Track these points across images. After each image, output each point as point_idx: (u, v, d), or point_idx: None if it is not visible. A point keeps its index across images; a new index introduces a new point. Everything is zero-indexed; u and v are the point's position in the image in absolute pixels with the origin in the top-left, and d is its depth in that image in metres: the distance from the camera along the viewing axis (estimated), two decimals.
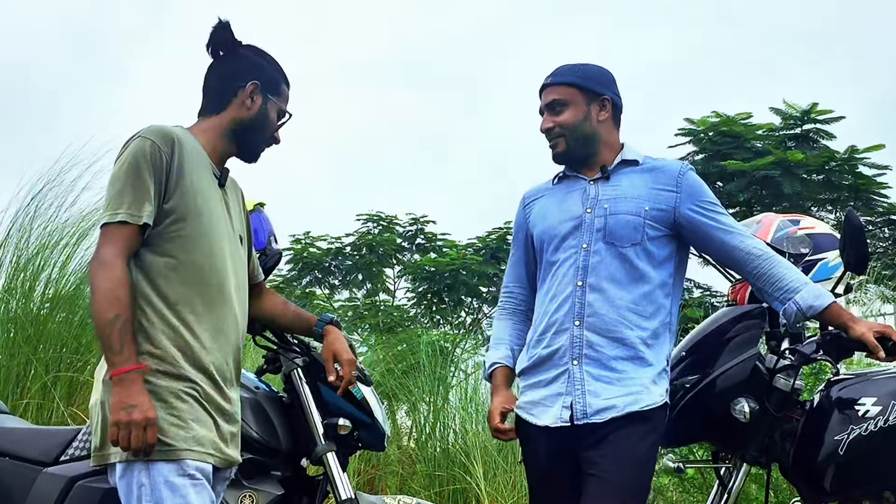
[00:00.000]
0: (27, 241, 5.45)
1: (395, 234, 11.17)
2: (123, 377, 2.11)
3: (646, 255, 2.61)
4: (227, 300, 2.33)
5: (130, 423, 2.09)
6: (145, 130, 2.26)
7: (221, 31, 2.42)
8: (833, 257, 2.82)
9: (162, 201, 2.24)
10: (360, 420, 2.83)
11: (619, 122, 2.76)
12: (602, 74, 2.73)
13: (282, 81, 2.47)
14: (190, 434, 2.19)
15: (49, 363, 4.94)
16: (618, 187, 2.67)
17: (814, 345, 2.80)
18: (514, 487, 5.39)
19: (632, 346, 2.56)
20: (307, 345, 2.87)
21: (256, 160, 2.48)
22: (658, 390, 2.56)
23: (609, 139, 2.71)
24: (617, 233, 2.61)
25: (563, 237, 2.67)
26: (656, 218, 2.62)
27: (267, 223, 2.91)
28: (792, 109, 9.57)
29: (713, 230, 2.64)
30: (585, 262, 2.61)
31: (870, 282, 7.43)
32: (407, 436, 6.38)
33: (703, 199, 2.66)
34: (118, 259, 2.17)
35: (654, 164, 2.71)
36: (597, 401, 2.52)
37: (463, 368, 6.98)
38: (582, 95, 2.68)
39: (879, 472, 2.59)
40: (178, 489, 2.15)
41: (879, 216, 9.85)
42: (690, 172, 2.69)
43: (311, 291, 11.21)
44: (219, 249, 2.32)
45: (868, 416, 2.59)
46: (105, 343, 2.13)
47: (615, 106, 2.72)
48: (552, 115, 2.69)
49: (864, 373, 2.86)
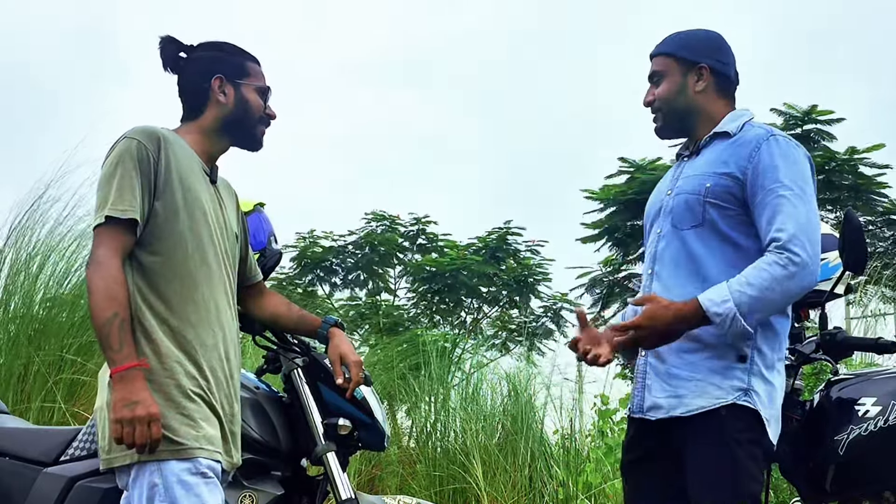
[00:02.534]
0: (29, 242, 5.46)
1: (396, 233, 11.17)
2: (124, 374, 2.10)
3: (716, 236, 2.36)
4: (222, 296, 2.33)
5: (134, 419, 2.08)
6: (131, 131, 2.27)
7: (168, 47, 2.42)
8: (833, 258, 2.82)
9: (152, 199, 2.24)
10: (360, 420, 2.83)
11: (726, 91, 2.51)
12: (704, 40, 2.50)
13: (245, 60, 2.44)
14: (201, 433, 2.19)
15: (50, 363, 4.94)
16: (697, 164, 2.46)
17: (813, 345, 2.80)
18: (514, 487, 5.39)
19: (694, 340, 2.33)
20: (307, 345, 2.87)
21: (260, 145, 2.46)
22: (717, 391, 2.30)
23: (710, 110, 2.48)
24: (678, 214, 2.42)
25: (652, 221, 2.54)
26: (721, 196, 2.36)
27: (267, 223, 2.91)
28: (792, 110, 9.57)
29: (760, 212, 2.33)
30: (656, 248, 2.47)
31: (870, 282, 7.43)
32: (407, 436, 6.38)
33: (770, 176, 2.32)
34: (112, 259, 2.17)
35: (742, 135, 2.42)
36: (650, 396, 2.40)
37: (463, 369, 6.97)
38: (678, 65, 2.48)
39: (879, 472, 2.59)
40: (192, 487, 2.15)
41: (879, 216, 9.85)
42: (767, 144, 2.36)
43: (313, 290, 11.21)
44: (212, 246, 2.32)
45: (868, 416, 2.59)
46: (104, 342, 2.13)
47: (718, 73, 2.48)
48: (653, 87, 2.52)
49: (864, 373, 2.86)
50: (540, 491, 5.31)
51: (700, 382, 2.32)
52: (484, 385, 6.40)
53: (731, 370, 2.31)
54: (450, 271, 10.45)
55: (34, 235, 5.49)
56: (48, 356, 4.96)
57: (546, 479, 5.52)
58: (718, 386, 2.31)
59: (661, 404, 2.37)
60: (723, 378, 2.31)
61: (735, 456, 2.27)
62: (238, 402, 2.39)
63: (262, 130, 2.45)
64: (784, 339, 2.41)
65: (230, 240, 2.42)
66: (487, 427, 5.83)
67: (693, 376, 2.33)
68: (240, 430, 2.40)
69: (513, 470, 5.46)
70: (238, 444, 2.38)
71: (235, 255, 2.45)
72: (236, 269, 2.46)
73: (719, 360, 2.32)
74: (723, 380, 2.31)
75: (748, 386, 2.30)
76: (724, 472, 2.27)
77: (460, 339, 8.17)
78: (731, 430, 2.28)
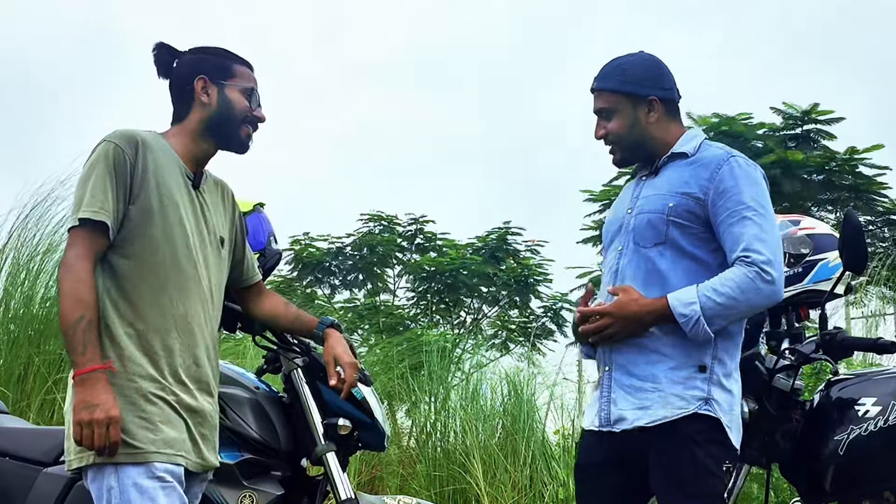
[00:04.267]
0: (29, 241, 5.46)
1: (395, 233, 11.16)
2: (86, 377, 2.12)
3: (677, 253, 2.45)
4: (195, 300, 2.32)
5: (93, 421, 2.09)
6: (110, 134, 2.27)
7: (161, 53, 2.42)
8: (833, 258, 2.82)
9: (127, 203, 2.24)
10: (361, 420, 2.83)
11: (675, 113, 2.58)
12: (647, 70, 2.55)
13: (232, 63, 2.42)
14: (159, 436, 2.19)
15: (50, 363, 4.94)
16: (657, 184, 2.54)
17: (813, 344, 2.81)
18: (514, 487, 5.39)
19: (655, 351, 2.42)
20: (307, 345, 2.87)
21: (246, 147, 2.43)
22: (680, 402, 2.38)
23: (665, 135, 2.54)
24: (641, 233, 2.49)
25: (611, 238, 2.60)
26: (683, 215, 2.45)
27: (267, 223, 2.90)
28: (792, 110, 9.57)
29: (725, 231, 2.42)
30: (618, 265, 2.52)
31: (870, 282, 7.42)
32: (407, 436, 6.38)
33: (734, 198, 2.41)
34: (81, 261, 2.18)
35: (700, 155, 2.51)
36: (615, 409, 2.46)
37: (463, 369, 6.97)
38: (627, 100, 2.52)
39: (879, 472, 2.59)
40: (147, 491, 2.15)
41: (879, 216, 9.85)
42: (728, 165, 2.45)
43: (312, 291, 11.20)
44: (186, 250, 2.31)
45: (868, 416, 2.59)
46: (69, 344, 2.15)
47: (666, 101, 2.55)
48: (603, 121, 2.57)
49: (864, 373, 2.86)
50: (540, 491, 5.31)
51: (662, 393, 2.39)
52: (484, 385, 6.39)
53: (692, 380, 2.39)
54: (449, 271, 10.45)
55: (34, 235, 5.49)
56: (48, 356, 4.96)
57: (546, 480, 5.52)
58: (681, 396, 2.38)
59: (626, 416, 2.42)
60: (684, 388, 2.39)
61: (695, 455, 2.35)
62: (216, 403, 2.39)
63: (247, 131, 2.41)
64: (740, 346, 2.50)
65: (212, 245, 2.39)
66: (487, 427, 5.83)
67: (656, 387, 2.40)
68: (217, 432, 2.39)
69: (513, 470, 5.46)
70: (215, 446, 2.37)
71: (221, 260, 2.44)
72: (222, 274, 2.45)
73: (681, 371, 2.40)
74: (684, 390, 2.39)
75: (708, 395, 2.39)
76: (686, 471, 2.35)
77: (460, 339, 8.18)
78: (691, 433, 2.36)
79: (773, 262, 2.35)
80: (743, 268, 2.35)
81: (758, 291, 2.34)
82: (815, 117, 9.57)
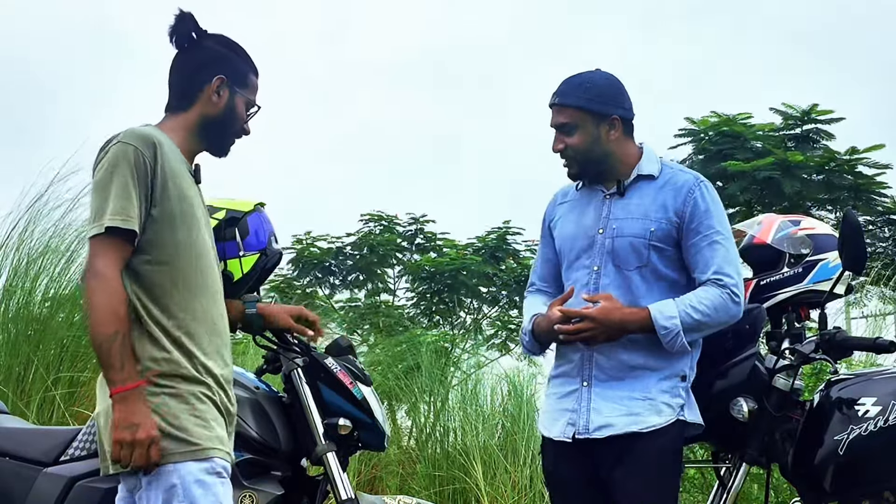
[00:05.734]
0: (29, 242, 5.45)
1: (395, 233, 11.16)
2: (126, 395, 2.09)
3: (654, 275, 2.60)
4: (217, 301, 2.32)
5: (135, 442, 2.07)
6: (125, 135, 2.21)
7: (184, 23, 2.34)
8: (833, 258, 2.82)
9: (149, 208, 2.19)
10: (361, 420, 2.83)
11: (631, 133, 2.70)
12: (609, 89, 2.65)
13: (250, 72, 2.41)
14: (213, 433, 2.19)
15: (50, 363, 4.94)
16: (629, 206, 2.64)
17: (812, 344, 2.81)
18: (514, 487, 5.39)
19: (642, 367, 2.57)
20: (307, 345, 2.87)
21: (226, 154, 2.43)
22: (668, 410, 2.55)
23: (623, 153, 2.66)
24: (622, 256, 2.60)
25: (577, 254, 2.69)
26: (663, 239, 2.60)
27: (267, 223, 2.90)
28: (792, 110, 9.57)
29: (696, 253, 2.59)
30: (597, 284, 2.62)
31: (870, 282, 7.42)
32: (407, 436, 6.38)
33: (705, 223, 2.59)
34: (113, 271, 2.13)
35: (668, 178, 2.65)
36: (599, 418, 2.56)
37: (463, 369, 6.97)
38: (590, 117, 2.61)
39: (879, 472, 2.59)
40: (210, 487, 2.15)
41: (879, 216, 9.84)
42: (699, 190, 2.62)
43: (313, 291, 11.20)
44: (206, 251, 2.30)
45: (868, 416, 2.59)
46: (105, 360, 2.10)
47: (625, 120, 2.66)
48: (562, 135, 2.65)
49: (864, 373, 2.86)
50: (540, 491, 5.31)
51: (654, 402, 2.54)
52: (484, 385, 6.40)
53: (676, 389, 2.57)
54: (449, 271, 10.43)
55: (34, 235, 5.48)
56: (47, 356, 4.96)
57: None
58: (668, 404, 2.55)
59: (613, 423, 2.54)
60: (671, 396, 2.56)
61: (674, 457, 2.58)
62: (235, 404, 2.39)
63: (233, 142, 2.42)
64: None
65: (212, 240, 2.38)
66: (487, 427, 5.83)
67: (646, 396, 2.55)
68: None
69: (513, 470, 5.46)
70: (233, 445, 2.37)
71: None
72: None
73: (668, 381, 2.57)
74: (671, 398, 2.56)
75: (686, 401, 2.58)
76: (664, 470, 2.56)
77: (460, 339, 8.17)
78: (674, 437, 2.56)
79: (739, 285, 2.58)
80: (716, 289, 2.54)
81: (727, 311, 2.55)
82: (814, 117, 9.57)
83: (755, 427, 2.73)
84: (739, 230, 3.01)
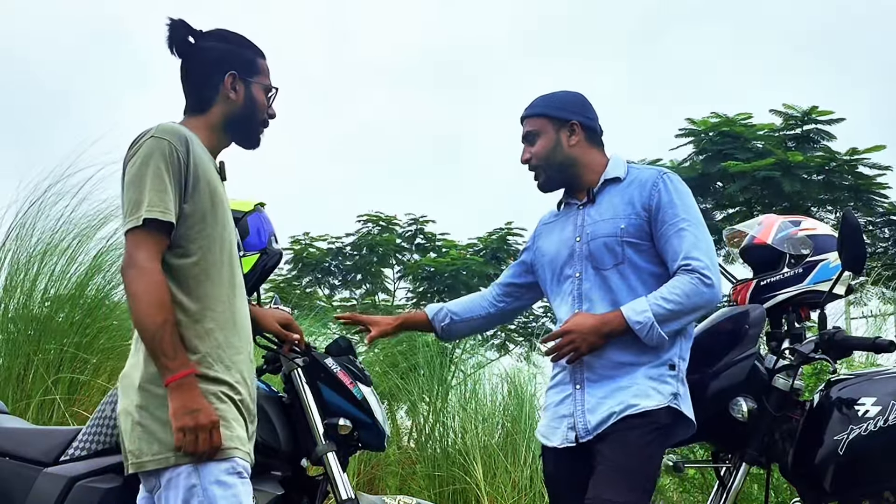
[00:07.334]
0: (29, 241, 5.45)
1: (394, 234, 11.15)
2: (182, 382, 2.09)
3: (634, 271, 2.65)
4: (242, 297, 2.32)
5: (197, 427, 2.08)
6: (158, 130, 2.21)
7: (178, 31, 2.35)
8: (834, 259, 2.82)
9: (182, 202, 2.19)
10: (360, 420, 2.83)
11: (597, 142, 2.78)
12: (570, 100, 2.77)
13: (256, 57, 2.40)
14: (234, 433, 2.18)
15: (50, 363, 4.94)
16: (600, 209, 2.72)
17: (812, 344, 2.81)
18: (514, 487, 5.39)
19: (628, 364, 2.62)
20: (307, 345, 2.88)
21: (258, 144, 2.44)
22: (657, 395, 2.58)
23: (588, 161, 2.75)
24: (598, 257, 2.67)
25: (561, 267, 2.76)
26: (635, 234, 2.66)
27: (267, 223, 2.91)
28: (792, 110, 9.57)
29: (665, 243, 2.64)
30: (580, 290, 2.69)
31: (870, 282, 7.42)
32: (407, 436, 6.38)
33: (670, 212, 2.64)
34: (154, 262, 2.13)
35: (634, 177, 2.73)
36: (594, 417, 2.60)
37: (463, 369, 6.97)
38: (551, 123, 2.73)
39: (879, 472, 2.59)
40: (230, 487, 2.15)
41: (879, 216, 9.84)
42: (662, 182, 2.68)
43: (313, 291, 11.20)
44: (232, 246, 2.30)
45: (868, 416, 2.59)
46: (157, 350, 2.10)
47: (587, 128, 2.75)
48: (528, 145, 2.77)
49: (864, 373, 2.86)
50: (540, 491, 5.31)
51: (640, 387, 2.58)
52: (484, 385, 6.40)
53: (664, 377, 2.60)
54: (449, 272, 10.44)
55: (33, 235, 5.48)
56: (47, 356, 4.96)
57: None
58: (657, 390, 2.58)
59: (614, 410, 2.57)
60: (659, 383, 2.59)
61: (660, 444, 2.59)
62: (255, 401, 2.37)
63: (263, 130, 2.43)
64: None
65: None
66: (487, 427, 5.83)
67: (634, 383, 2.59)
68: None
69: (513, 470, 5.46)
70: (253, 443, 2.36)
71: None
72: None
73: (655, 369, 2.60)
74: (659, 384, 2.59)
75: (676, 391, 2.60)
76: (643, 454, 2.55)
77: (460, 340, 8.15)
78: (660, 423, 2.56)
79: (710, 267, 2.59)
80: (686, 275, 2.58)
81: (701, 295, 2.57)
82: (815, 118, 9.57)
83: (755, 427, 2.73)
84: (740, 230, 3.02)
